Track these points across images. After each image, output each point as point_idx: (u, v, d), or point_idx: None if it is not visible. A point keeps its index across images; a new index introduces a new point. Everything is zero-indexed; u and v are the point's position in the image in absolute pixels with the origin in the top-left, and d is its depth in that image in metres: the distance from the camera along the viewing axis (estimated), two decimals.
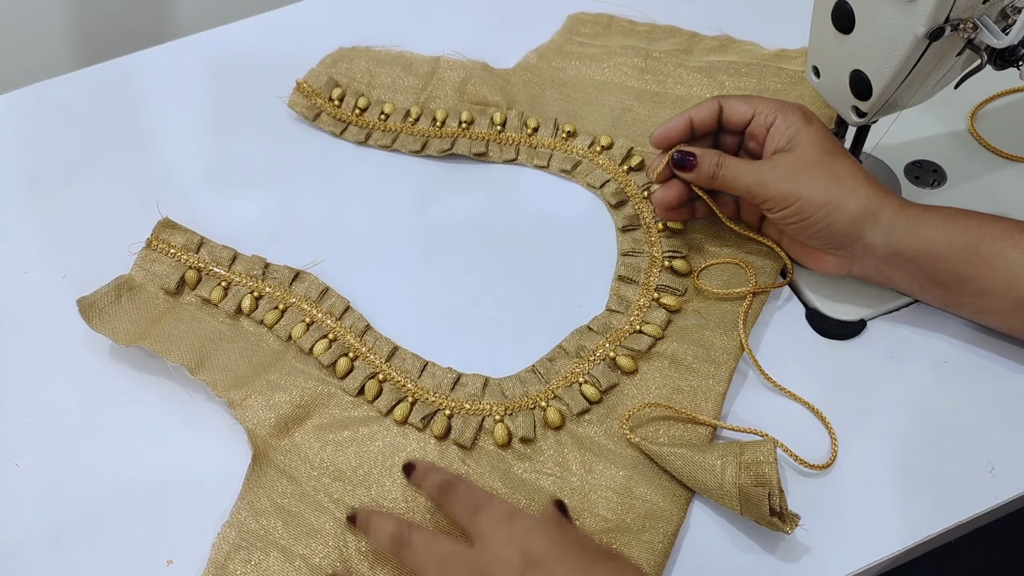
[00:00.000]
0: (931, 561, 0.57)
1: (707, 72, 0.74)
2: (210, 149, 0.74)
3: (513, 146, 0.72)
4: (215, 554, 0.53)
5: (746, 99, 0.60)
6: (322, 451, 0.56)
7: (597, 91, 0.75)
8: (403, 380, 0.59)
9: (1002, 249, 0.54)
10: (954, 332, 0.60)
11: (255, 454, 0.56)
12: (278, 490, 0.55)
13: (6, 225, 0.70)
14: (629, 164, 0.69)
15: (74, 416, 0.60)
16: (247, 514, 0.54)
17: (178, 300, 0.64)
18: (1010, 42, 0.51)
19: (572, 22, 0.81)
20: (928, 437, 0.56)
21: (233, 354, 0.60)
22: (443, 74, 0.76)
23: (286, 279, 0.64)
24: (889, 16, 0.53)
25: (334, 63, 0.77)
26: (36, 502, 0.56)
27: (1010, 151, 0.69)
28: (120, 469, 0.58)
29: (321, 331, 0.61)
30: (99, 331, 0.61)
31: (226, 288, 0.64)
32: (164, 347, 0.59)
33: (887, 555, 0.52)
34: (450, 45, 0.80)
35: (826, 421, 0.57)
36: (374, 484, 0.55)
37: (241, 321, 0.63)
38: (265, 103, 0.76)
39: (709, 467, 0.52)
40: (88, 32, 1.18)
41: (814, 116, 0.59)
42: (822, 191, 0.56)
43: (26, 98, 0.79)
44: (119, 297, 0.63)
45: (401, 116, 0.74)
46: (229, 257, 0.65)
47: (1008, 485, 0.54)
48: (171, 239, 0.66)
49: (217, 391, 0.58)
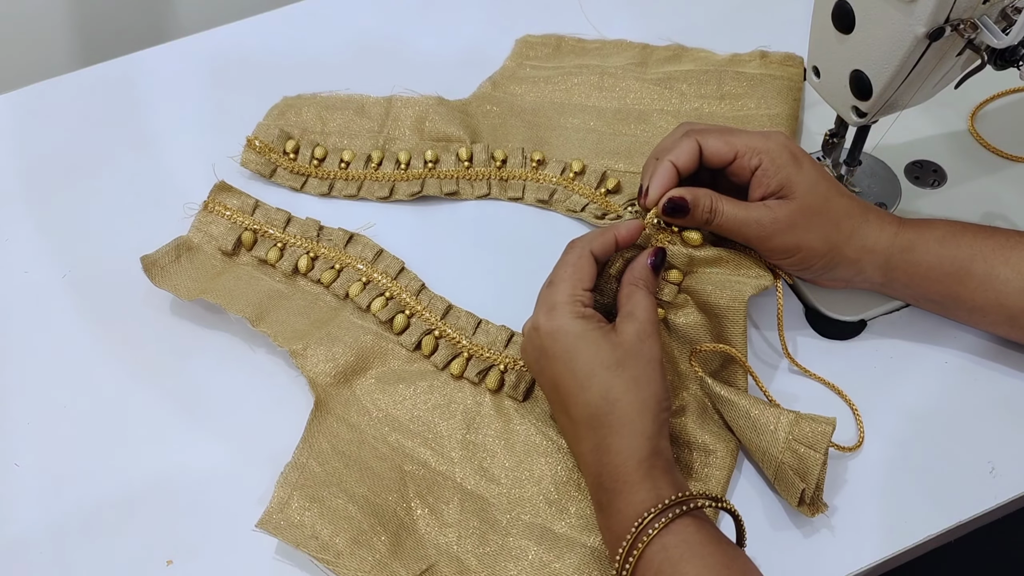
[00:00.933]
0: (931, 561, 0.57)
1: (665, 84, 0.74)
2: (210, 149, 0.74)
3: (484, 181, 0.70)
4: (279, 492, 0.55)
5: (724, 137, 0.56)
6: (380, 401, 0.58)
7: (558, 114, 0.74)
8: (458, 336, 0.61)
9: (993, 268, 0.55)
10: (954, 332, 0.60)
11: (316, 402, 0.58)
12: (339, 437, 0.57)
13: (6, 225, 0.70)
14: (606, 187, 0.69)
15: (74, 416, 0.60)
16: (309, 456, 0.56)
17: (235, 261, 0.66)
18: (1010, 42, 0.51)
19: (521, 46, 0.80)
20: (928, 437, 0.56)
21: (292, 310, 0.62)
22: (397, 113, 0.74)
23: (340, 241, 0.66)
24: (889, 16, 0.53)
25: (282, 114, 0.75)
26: (36, 502, 0.56)
27: (1010, 151, 0.69)
28: (120, 469, 0.58)
29: (377, 289, 0.63)
30: (162, 287, 0.63)
31: (282, 249, 0.66)
32: (225, 300, 0.62)
33: (887, 555, 0.52)
34: (450, 44, 0.80)
35: (852, 405, 0.58)
36: (431, 434, 0.57)
37: (298, 280, 0.65)
38: (265, 103, 0.76)
39: (761, 427, 0.53)
40: (88, 32, 1.18)
41: (802, 154, 0.56)
42: (823, 241, 0.56)
43: (26, 98, 0.79)
44: (179, 256, 0.65)
45: (363, 162, 0.72)
46: (284, 219, 0.67)
47: (1008, 485, 0.54)
48: (227, 201, 0.68)
49: (278, 342, 0.60)
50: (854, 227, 0.56)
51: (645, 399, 0.50)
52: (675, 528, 0.46)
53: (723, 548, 0.46)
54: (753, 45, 0.77)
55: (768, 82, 0.73)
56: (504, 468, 0.56)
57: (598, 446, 0.50)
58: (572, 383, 0.51)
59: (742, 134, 0.57)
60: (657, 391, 0.51)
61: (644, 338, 0.52)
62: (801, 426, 0.52)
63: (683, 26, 0.80)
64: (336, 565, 0.52)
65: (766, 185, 0.56)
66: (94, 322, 0.64)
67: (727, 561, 0.46)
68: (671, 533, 0.46)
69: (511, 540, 0.53)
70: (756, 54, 0.76)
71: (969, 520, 0.54)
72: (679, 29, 0.80)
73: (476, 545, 0.53)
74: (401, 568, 0.52)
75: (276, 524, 0.53)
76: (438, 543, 0.53)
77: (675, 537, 0.46)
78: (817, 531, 0.53)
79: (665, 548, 0.46)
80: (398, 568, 0.52)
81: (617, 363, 0.51)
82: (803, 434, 0.52)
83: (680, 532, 0.46)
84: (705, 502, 0.47)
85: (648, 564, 0.46)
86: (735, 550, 0.47)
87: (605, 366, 0.51)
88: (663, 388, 0.51)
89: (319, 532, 0.53)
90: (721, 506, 0.48)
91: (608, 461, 0.50)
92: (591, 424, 0.51)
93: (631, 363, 0.51)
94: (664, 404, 0.51)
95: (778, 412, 0.53)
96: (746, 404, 0.54)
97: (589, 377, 0.51)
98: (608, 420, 0.50)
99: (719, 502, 0.48)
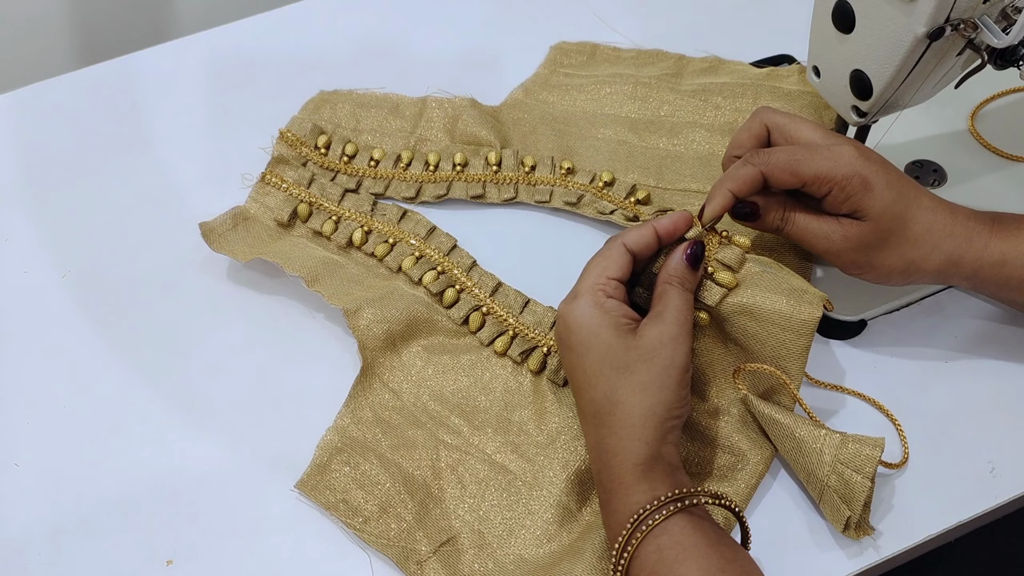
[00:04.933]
0: (931, 561, 0.57)
1: (701, 96, 0.73)
2: (210, 149, 0.74)
3: (511, 185, 0.70)
4: (319, 454, 0.57)
5: (791, 167, 0.53)
6: (424, 370, 0.60)
7: (589, 124, 0.73)
8: (505, 315, 0.62)
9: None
10: (954, 332, 0.60)
11: (363, 366, 0.59)
12: (381, 403, 0.59)
13: (6, 224, 0.70)
14: (635, 198, 0.68)
15: (74, 416, 0.60)
16: (350, 420, 0.58)
17: (290, 231, 0.67)
18: (1010, 42, 0.51)
19: (555, 53, 0.79)
20: (928, 437, 0.56)
21: (345, 277, 0.63)
22: (431, 114, 0.74)
23: (395, 216, 0.67)
24: (889, 16, 0.53)
25: (317, 109, 0.75)
26: (36, 502, 0.56)
27: (1010, 151, 0.69)
28: (120, 469, 0.58)
29: (429, 264, 0.65)
30: (220, 251, 0.65)
31: (336, 222, 0.67)
32: (283, 261, 0.63)
33: (887, 555, 0.52)
34: (450, 44, 0.80)
35: (894, 419, 0.57)
36: (470, 406, 0.59)
37: (352, 252, 0.66)
38: (265, 103, 0.76)
39: (806, 449, 0.52)
40: (88, 32, 1.18)
41: (876, 172, 0.52)
42: (898, 258, 0.54)
43: (26, 98, 0.79)
44: (236, 225, 0.67)
45: (392, 161, 0.72)
46: (339, 193, 0.68)
47: (1008, 485, 0.54)
48: (284, 174, 0.69)
49: (333, 301, 0.61)
50: (936, 243, 0.54)
51: (651, 405, 0.49)
52: (672, 528, 0.46)
53: (721, 549, 0.46)
54: (754, 45, 0.77)
55: (805, 98, 0.72)
56: (536, 447, 0.57)
57: (598, 444, 0.50)
58: (581, 377, 0.51)
59: (811, 159, 0.53)
60: (668, 399, 0.50)
61: (666, 342, 0.50)
62: (848, 448, 0.51)
63: (683, 25, 0.80)
64: (362, 531, 0.54)
65: (836, 210, 0.54)
66: (94, 322, 0.64)
67: (724, 563, 0.45)
68: (667, 533, 0.46)
69: (533, 520, 0.54)
70: (794, 69, 0.74)
71: (969, 520, 0.54)
72: (679, 28, 0.79)
73: (499, 520, 0.54)
74: (424, 538, 0.54)
75: (313, 485, 0.56)
76: (462, 515, 0.55)
77: (671, 538, 0.46)
78: (817, 531, 0.53)
79: (660, 549, 0.46)
80: (420, 537, 0.54)
81: (626, 366, 0.50)
82: (849, 457, 0.51)
83: (676, 532, 0.46)
84: (704, 499, 0.47)
85: (643, 564, 0.46)
86: (735, 551, 0.47)
87: (614, 367, 0.50)
88: (676, 396, 0.50)
89: (350, 496, 0.55)
90: (723, 503, 0.47)
91: (607, 460, 0.49)
92: (593, 422, 0.51)
93: (642, 368, 0.50)
94: (675, 412, 0.50)
95: (824, 433, 0.52)
96: (790, 424, 0.53)
97: (596, 375, 0.50)
98: (609, 421, 0.50)
99: (719, 499, 0.47)
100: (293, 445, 0.57)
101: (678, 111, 0.73)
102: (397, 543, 0.54)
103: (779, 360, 0.55)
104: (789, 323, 0.54)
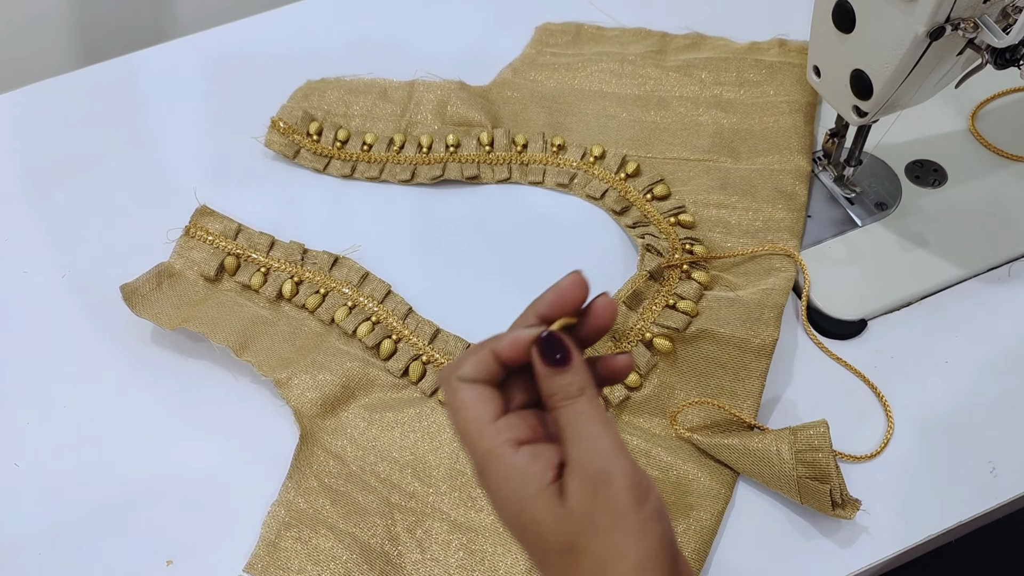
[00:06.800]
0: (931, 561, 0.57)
1: (685, 71, 0.74)
2: (210, 149, 0.74)
3: (505, 165, 0.71)
4: (265, 532, 0.54)
5: None
6: (368, 431, 0.57)
7: (578, 101, 0.74)
8: (446, 362, 0.60)
9: None
10: (955, 332, 0.60)
11: (302, 434, 0.57)
12: (325, 470, 0.56)
13: (6, 225, 0.70)
14: (625, 171, 0.69)
15: (74, 416, 0.60)
16: (295, 493, 0.55)
17: (218, 287, 0.65)
18: (1011, 41, 0.51)
19: (540, 33, 0.80)
20: (928, 437, 0.56)
21: (276, 336, 0.61)
22: (420, 97, 0.74)
23: (325, 264, 0.65)
24: (890, 16, 0.53)
25: (306, 97, 0.75)
26: (36, 502, 0.56)
27: (1010, 151, 0.69)
28: (120, 469, 0.58)
29: (364, 314, 0.62)
30: (143, 316, 0.61)
31: (265, 274, 0.65)
32: (208, 329, 0.60)
33: (887, 555, 0.52)
34: (450, 44, 0.80)
35: (885, 402, 0.58)
36: (420, 464, 0.56)
37: (282, 306, 0.64)
38: (265, 103, 0.76)
39: (765, 456, 0.53)
40: (88, 32, 1.18)
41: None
42: None
43: (26, 98, 0.79)
44: (160, 284, 0.64)
45: (385, 145, 0.72)
46: (267, 243, 0.66)
47: (1008, 485, 0.54)
48: (209, 226, 0.67)
49: (263, 371, 0.59)
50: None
51: (639, 565, 0.35)
52: None
53: None
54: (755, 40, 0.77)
55: (787, 69, 0.73)
56: None
57: None
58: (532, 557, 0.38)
59: None
60: (651, 545, 0.35)
61: (600, 489, 0.35)
62: (800, 436, 0.52)
63: (684, 25, 0.80)
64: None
65: None
66: (94, 322, 0.64)
67: None
68: None
69: (499, 574, 0.52)
70: (775, 42, 0.76)
71: (969, 520, 0.54)
72: (680, 28, 0.79)
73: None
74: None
75: (264, 566, 0.53)
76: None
77: None
78: (817, 532, 0.53)
79: None
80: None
81: (569, 548, 0.36)
82: (804, 442, 0.52)
83: None
84: None
85: None
86: None
87: (557, 552, 0.36)
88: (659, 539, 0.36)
89: (307, 574, 0.52)
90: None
91: None
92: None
93: (589, 541, 0.35)
94: (670, 551, 0.36)
95: (772, 435, 0.53)
96: (741, 442, 0.54)
97: (545, 565, 0.37)
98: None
99: None
100: (293, 445, 0.57)
101: (663, 86, 0.74)
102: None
103: (740, 382, 0.57)
104: (748, 345, 0.57)
